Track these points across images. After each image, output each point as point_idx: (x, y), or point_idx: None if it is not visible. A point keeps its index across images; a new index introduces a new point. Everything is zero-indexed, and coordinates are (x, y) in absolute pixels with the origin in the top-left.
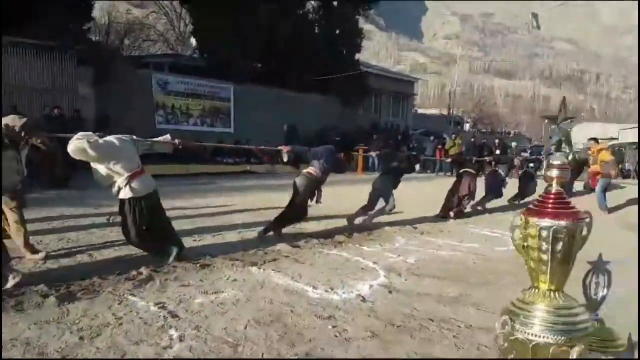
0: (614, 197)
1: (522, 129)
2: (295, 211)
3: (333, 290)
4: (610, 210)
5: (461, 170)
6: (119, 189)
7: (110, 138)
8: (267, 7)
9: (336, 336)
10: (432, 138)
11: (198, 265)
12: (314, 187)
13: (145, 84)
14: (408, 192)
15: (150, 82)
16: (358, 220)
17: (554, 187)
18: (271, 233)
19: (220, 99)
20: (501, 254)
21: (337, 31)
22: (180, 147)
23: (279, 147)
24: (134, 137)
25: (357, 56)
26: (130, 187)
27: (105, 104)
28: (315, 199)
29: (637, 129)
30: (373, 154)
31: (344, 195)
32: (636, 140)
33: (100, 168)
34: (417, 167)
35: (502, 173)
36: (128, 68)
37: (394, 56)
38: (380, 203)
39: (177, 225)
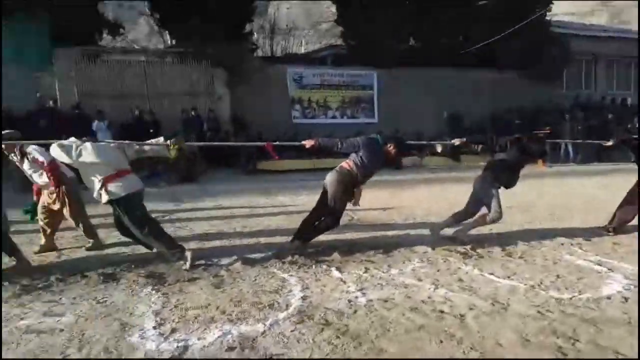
0: None
1: None
2: (323, 216)
3: (169, 336)
4: None
5: None
6: (99, 193)
7: (87, 144)
8: None
9: None
10: None
11: (101, 277)
12: (348, 184)
13: (282, 79)
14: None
15: (286, 78)
16: (448, 232)
17: None
18: (296, 243)
19: (361, 88)
20: (530, 306)
21: None
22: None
23: (302, 142)
24: (126, 142)
25: (549, 16)
26: (106, 190)
27: (240, 102)
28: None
29: None
30: (456, 141)
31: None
32: None
33: (82, 172)
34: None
35: None
36: (264, 66)
37: None
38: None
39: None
